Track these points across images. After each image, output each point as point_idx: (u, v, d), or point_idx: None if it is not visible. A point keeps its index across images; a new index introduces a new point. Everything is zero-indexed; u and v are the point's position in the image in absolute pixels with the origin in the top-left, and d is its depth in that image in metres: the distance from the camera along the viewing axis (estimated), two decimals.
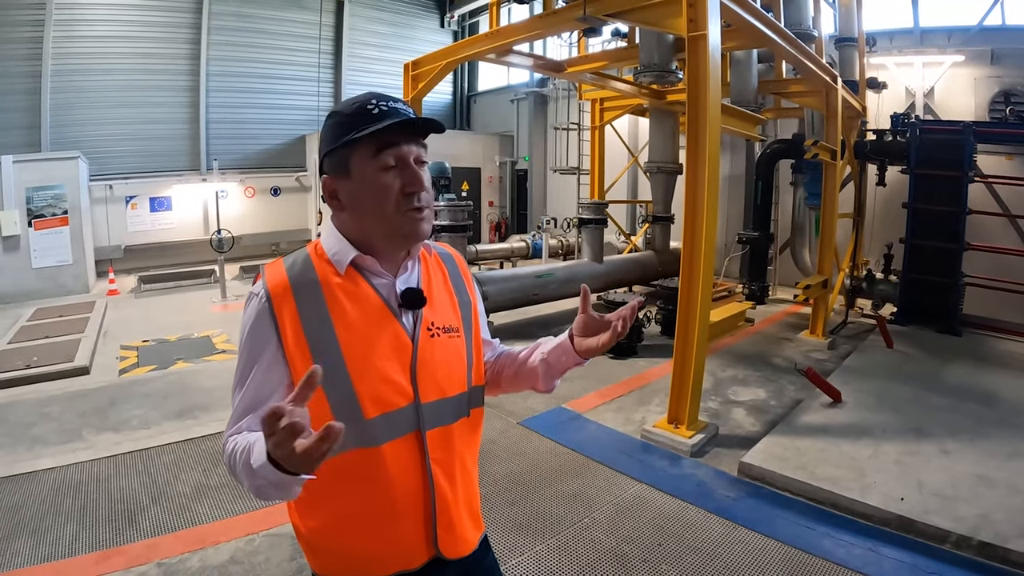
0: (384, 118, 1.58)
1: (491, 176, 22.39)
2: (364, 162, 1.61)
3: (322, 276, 1.65)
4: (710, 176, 5.77)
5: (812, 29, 10.11)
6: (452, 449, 1.76)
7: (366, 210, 1.64)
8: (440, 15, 23.99)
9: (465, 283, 1.97)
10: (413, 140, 1.65)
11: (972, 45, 12.37)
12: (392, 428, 1.63)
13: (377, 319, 1.66)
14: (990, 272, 10.41)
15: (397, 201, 1.62)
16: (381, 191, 1.61)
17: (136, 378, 8.09)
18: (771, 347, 9.62)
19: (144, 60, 17.41)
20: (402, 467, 1.65)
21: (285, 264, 1.70)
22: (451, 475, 1.76)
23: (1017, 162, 11.60)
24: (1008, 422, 6.40)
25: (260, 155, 20.19)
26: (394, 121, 1.58)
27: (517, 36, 8.22)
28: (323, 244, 1.72)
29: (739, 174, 14.45)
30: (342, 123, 1.62)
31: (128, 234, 17.25)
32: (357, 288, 1.67)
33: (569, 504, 5.06)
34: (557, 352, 1.89)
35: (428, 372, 1.70)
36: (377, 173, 1.60)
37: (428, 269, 1.85)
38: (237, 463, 1.46)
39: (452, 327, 1.82)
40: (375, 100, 1.62)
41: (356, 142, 1.59)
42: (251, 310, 1.65)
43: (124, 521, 4.67)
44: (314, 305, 1.61)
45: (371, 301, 1.67)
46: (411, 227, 1.65)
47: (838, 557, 4.31)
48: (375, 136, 1.58)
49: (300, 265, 1.68)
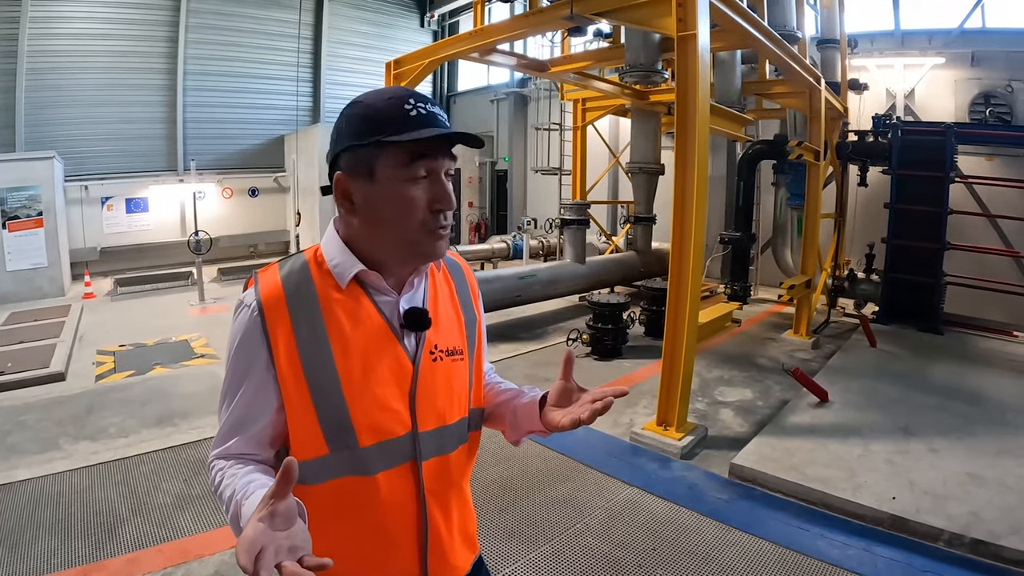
0: (423, 124, 1.44)
1: (471, 177, 22.37)
2: (394, 168, 1.45)
3: (320, 290, 1.53)
4: (699, 176, 5.76)
5: (796, 31, 10.13)
6: (449, 479, 1.68)
7: (385, 220, 1.50)
8: (420, 15, 23.91)
9: (472, 298, 1.84)
10: (447, 152, 1.51)
11: (953, 47, 12.48)
12: (387, 457, 1.54)
13: (377, 341, 1.54)
14: (971, 271, 10.52)
15: (424, 217, 1.49)
16: (408, 203, 1.47)
17: (113, 384, 7.95)
18: (756, 347, 9.65)
19: (121, 59, 17.19)
20: (396, 498, 1.57)
21: (280, 272, 1.56)
22: (446, 506, 1.68)
23: (997, 163, 11.71)
24: (995, 420, 6.45)
25: (238, 155, 20.00)
26: (439, 132, 1.44)
27: (501, 35, 8.14)
28: (324, 252, 1.58)
29: (720, 175, 14.48)
30: (372, 118, 1.46)
31: (104, 236, 17.06)
32: (358, 306, 1.54)
33: (560, 509, 5.01)
34: (526, 410, 1.75)
35: (428, 399, 1.60)
36: (406, 183, 1.46)
37: (435, 285, 1.72)
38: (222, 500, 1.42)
39: (456, 349, 1.70)
40: (413, 100, 1.47)
41: (388, 144, 1.44)
42: (241, 322, 1.52)
43: (104, 534, 4.55)
44: (310, 322, 1.49)
45: (372, 321, 1.55)
46: (432, 247, 1.53)
47: (832, 558, 4.30)
48: (413, 143, 1.43)
49: (297, 275, 1.55)
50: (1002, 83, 12.01)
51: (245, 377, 1.50)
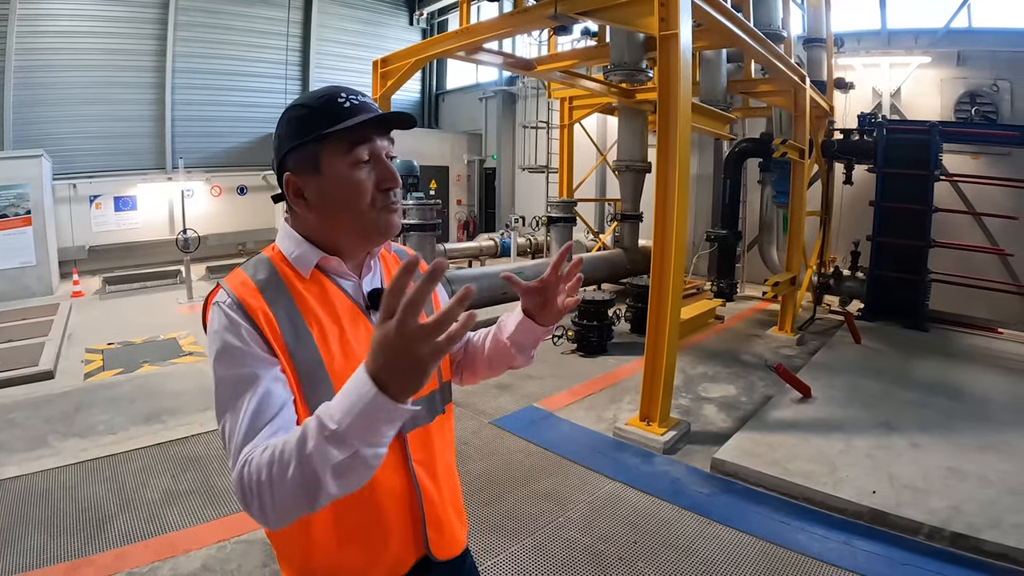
0: (356, 112, 1.52)
1: (459, 175, 22.38)
2: (337, 158, 1.52)
3: (287, 279, 1.56)
4: (680, 174, 5.76)
5: (781, 29, 10.17)
6: (432, 448, 1.71)
7: (339, 208, 1.55)
8: (409, 13, 23.91)
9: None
10: (384, 135, 1.59)
11: (939, 47, 12.55)
12: None
13: (350, 321, 1.59)
14: (956, 269, 10.56)
15: (373, 197, 1.55)
16: (356, 187, 1.53)
17: (102, 382, 7.91)
18: (740, 344, 9.66)
19: (110, 56, 17.07)
20: (386, 471, 1.57)
21: (247, 272, 1.58)
22: (434, 475, 1.70)
23: (982, 161, 11.78)
24: (977, 415, 6.49)
25: (227, 153, 19.93)
26: (372, 116, 1.51)
27: (487, 34, 8.14)
28: (281, 247, 1.63)
29: (707, 173, 14.55)
30: (308, 117, 1.53)
31: (92, 234, 16.94)
32: (324, 290, 1.59)
33: (543, 503, 5.02)
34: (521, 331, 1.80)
35: None
36: (352, 168, 1.53)
37: (388, 269, 1.80)
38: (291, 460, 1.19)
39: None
40: (344, 93, 1.56)
41: (328, 137, 1.50)
42: (219, 319, 1.47)
43: (92, 530, 4.55)
44: (285, 309, 1.51)
45: (341, 302, 1.60)
46: (386, 223, 1.59)
47: (813, 551, 4.32)
48: (350, 131, 1.50)
49: (264, 270, 1.57)
50: (988, 82, 12.07)
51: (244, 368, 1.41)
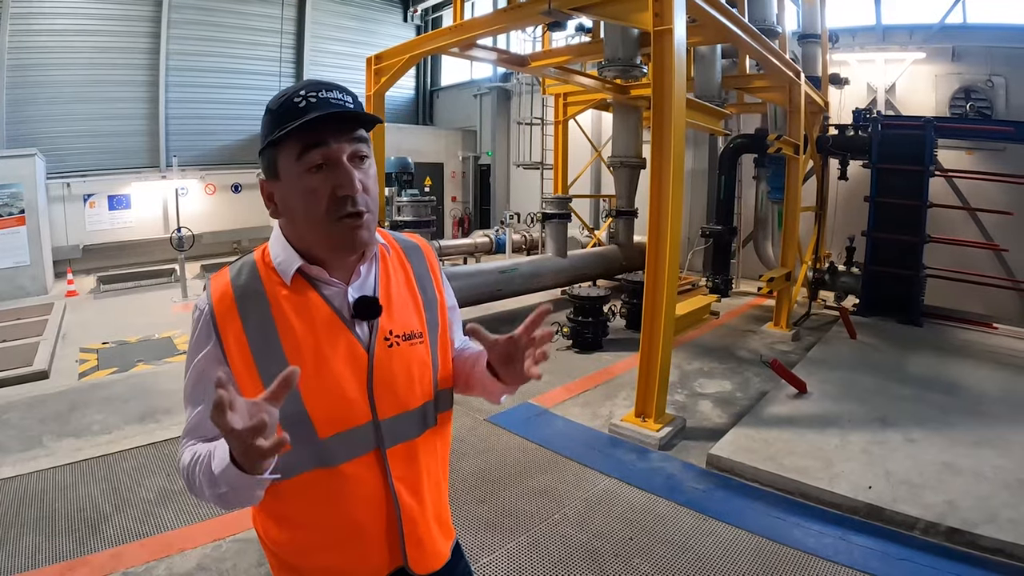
0: (310, 111, 1.42)
1: (454, 171, 22.39)
2: (290, 163, 1.46)
3: (268, 287, 1.53)
4: (675, 170, 5.74)
5: (776, 25, 10.16)
6: (417, 464, 1.67)
7: (298, 216, 1.51)
8: (404, 9, 23.87)
9: (432, 278, 1.82)
10: (344, 135, 1.48)
11: (933, 43, 12.57)
12: (349, 448, 1.54)
13: (327, 332, 1.54)
14: (951, 264, 10.56)
15: (328, 207, 1.46)
16: (308, 195, 1.46)
17: (96, 381, 7.89)
18: (736, 339, 9.67)
19: (103, 54, 17.01)
20: (364, 488, 1.57)
21: (231, 274, 1.58)
22: (417, 491, 1.66)
23: (977, 157, 11.81)
24: (972, 410, 6.49)
25: (221, 151, 19.87)
26: (313, 116, 1.41)
27: (481, 30, 8.12)
28: (270, 250, 1.60)
29: (702, 168, 14.54)
30: (270, 120, 1.49)
31: (87, 233, 16.88)
32: (305, 299, 1.54)
33: (539, 500, 5.01)
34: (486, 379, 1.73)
35: (386, 386, 1.59)
36: (303, 175, 1.46)
37: (388, 269, 1.70)
38: (196, 474, 1.42)
39: (414, 332, 1.68)
40: (303, 91, 1.46)
41: (280, 141, 1.45)
42: (195, 326, 1.56)
43: (87, 530, 4.52)
44: (259, 320, 1.50)
45: (320, 313, 1.54)
46: (345, 236, 1.50)
47: (808, 546, 4.32)
48: (299, 134, 1.43)
49: (246, 275, 1.56)
50: (982, 78, 12.10)
51: (205, 378, 1.51)
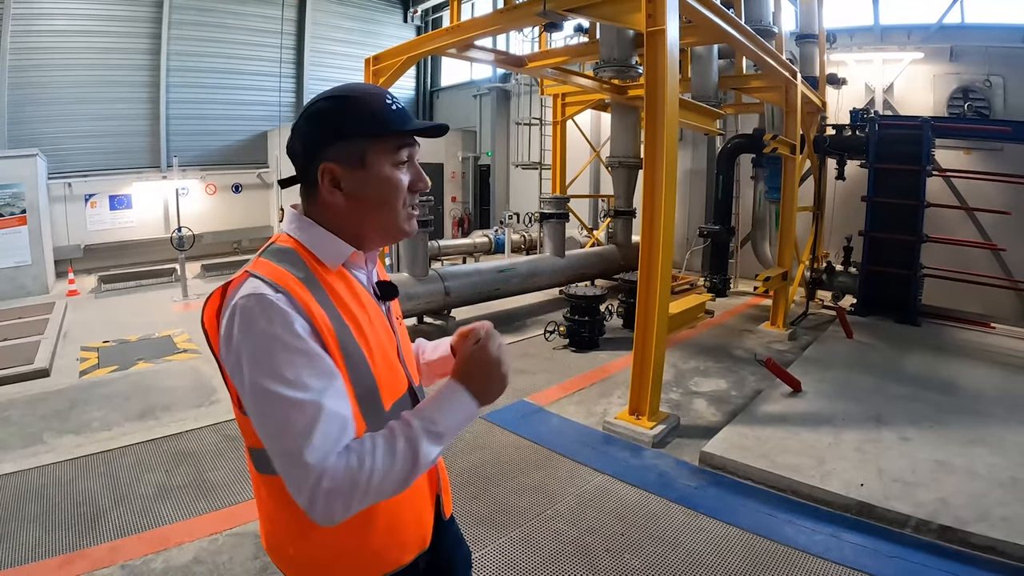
0: (403, 116, 1.61)
1: (454, 172, 22.39)
2: (384, 156, 1.61)
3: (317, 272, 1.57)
4: (668, 170, 5.77)
5: (773, 25, 10.19)
6: None
7: (375, 203, 1.63)
8: (404, 10, 23.91)
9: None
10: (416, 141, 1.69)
11: (931, 43, 12.59)
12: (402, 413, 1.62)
13: (373, 311, 1.69)
14: (948, 263, 10.57)
15: (406, 197, 1.65)
16: (395, 186, 1.63)
17: (97, 379, 7.89)
18: (732, 339, 9.67)
19: (104, 55, 17.08)
20: None
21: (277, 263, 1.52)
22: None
23: (975, 156, 11.81)
24: (967, 409, 6.49)
25: (221, 151, 19.92)
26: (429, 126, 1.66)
27: (478, 31, 8.12)
28: (299, 238, 1.60)
29: (700, 168, 14.54)
30: (360, 113, 1.57)
31: (88, 233, 16.91)
32: (350, 284, 1.65)
33: (532, 496, 5.02)
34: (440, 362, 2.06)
35: (408, 357, 1.83)
36: (395, 168, 1.62)
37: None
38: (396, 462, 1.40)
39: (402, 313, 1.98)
40: (387, 98, 1.63)
41: (380, 135, 1.59)
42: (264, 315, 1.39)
43: (87, 524, 4.55)
44: (325, 301, 1.53)
45: (364, 295, 1.68)
46: (410, 224, 1.70)
47: (800, 543, 4.32)
48: (401, 134, 1.61)
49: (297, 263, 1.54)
50: (980, 78, 12.11)
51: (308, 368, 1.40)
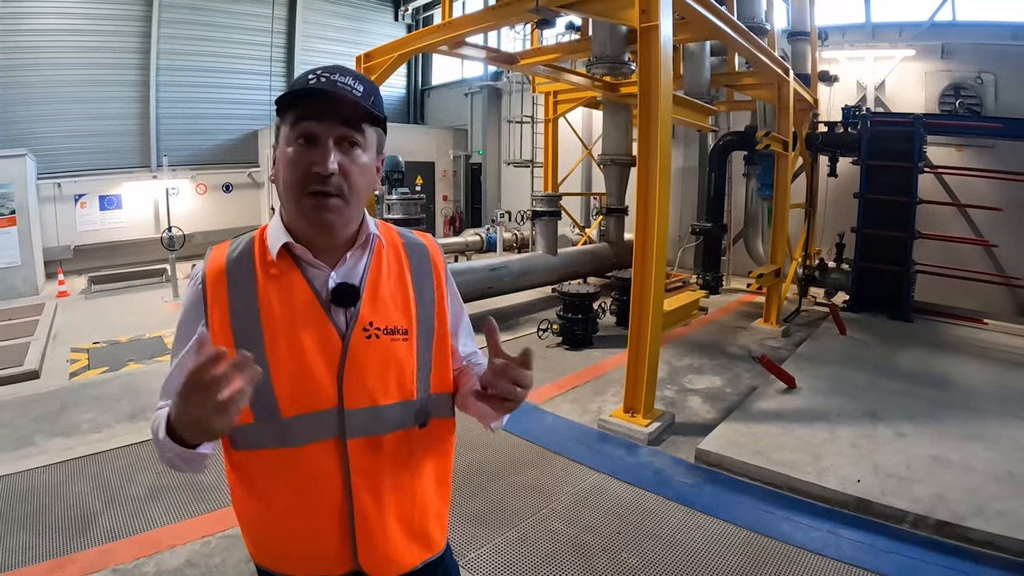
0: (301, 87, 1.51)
1: (445, 170, 22.37)
2: (286, 131, 1.52)
3: (259, 263, 1.58)
4: (662, 166, 5.73)
5: (765, 23, 10.17)
6: (385, 462, 1.62)
7: (280, 185, 1.55)
8: (394, 8, 23.89)
9: (434, 278, 1.78)
10: (336, 117, 1.50)
11: (923, 40, 12.60)
12: (311, 431, 1.54)
13: (304, 313, 1.55)
14: (940, 260, 10.59)
15: (301, 180, 1.48)
16: (289, 165, 1.50)
17: (87, 381, 7.87)
18: (726, 336, 9.67)
19: (93, 54, 17.01)
20: (320, 473, 1.56)
21: (230, 247, 1.64)
22: (376, 489, 1.61)
23: (967, 153, 11.83)
24: (961, 405, 6.51)
25: (212, 151, 19.87)
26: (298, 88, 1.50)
27: (470, 27, 8.09)
28: (268, 228, 1.63)
29: (692, 166, 14.56)
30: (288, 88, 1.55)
31: (78, 234, 16.90)
32: (289, 279, 1.57)
33: (528, 495, 5.00)
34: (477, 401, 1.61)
35: (357, 376, 1.57)
36: (291, 145, 1.50)
37: (380, 262, 1.68)
38: (154, 434, 1.46)
39: (397, 328, 1.64)
40: (320, 70, 1.52)
41: (285, 109, 1.52)
42: (187, 293, 1.64)
43: (77, 527, 4.49)
44: (244, 294, 1.55)
45: (301, 294, 1.56)
46: (312, 214, 1.51)
47: (797, 540, 4.32)
48: (297, 106, 1.50)
49: (240, 250, 1.62)
50: (972, 75, 12.13)
51: (185, 344, 1.59)
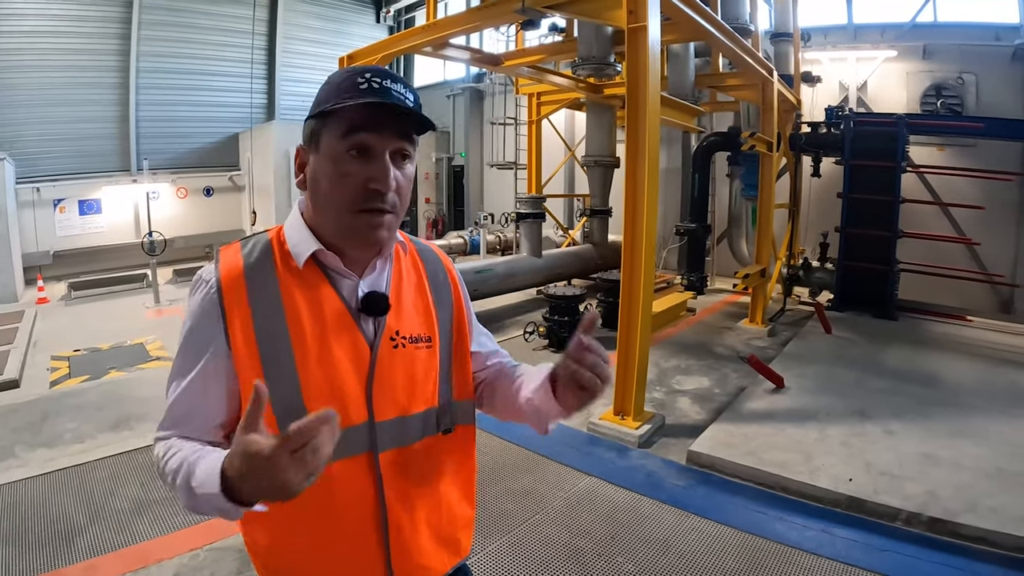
0: (369, 95, 1.37)
1: (427, 173, 22.34)
2: (333, 138, 1.40)
3: (280, 270, 1.48)
4: (650, 167, 5.72)
5: (749, 24, 10.22)
6: (414, 471, 1.59)
7: (322, 197, 1.45)
8: (376, 10, 23.81)
9: (451, 286, 1.76)
10: (394, 129, 1.42)
11: (905, 41, 12.73)
12: (343, 447, 1.41)
13: (335, 325, 1.49)
14: (923, 258, 10.69)
15: (355, 196, 1.40)
16: (340, 178, 1.40)
17: (68, 390, 7.73)
18: (712, 336, 9.68)
19: (72, 56, 16.79)
20: (353, 489, 1.50)
21: (243, 250, 1.52)
22: (409, 500, 1.57)
23: (948, 153, 11.95)
24: (949, 402, 6.55)
25: (192, 154, 19.66)
26: (370, 100, 1.36)
27: (454, 28, 8.05)
28: (285, 232, 1.54)
29: (676, 167, 14.49)
30: (328, 89, 1.43)
31: (57, 239, 16.63)
32: (317, 288, 1.49)
33: (520, 500, 4.97)
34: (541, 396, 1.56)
35: (386, 387, 1.53)
36: (342, 156, 1.40)
37: (400, 270, 1.65)
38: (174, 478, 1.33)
39: (421, 336, 1.61)
40: (369, 74, 1.40)
41: (331, 113, 1.39)
42: (198, 299, 1.47)
43: (61, 542, 4.39)
44: (268, 302, 1.45)
45: (331, 304, 1.49)
46: (362, 231, 1.44)
47: (791, 540, 4.32)
48: (351, 113, 1.37)
49: (259, 254, 1.51)
50: (953, 75, 12.27)
51: (198, 360, 1.45)
